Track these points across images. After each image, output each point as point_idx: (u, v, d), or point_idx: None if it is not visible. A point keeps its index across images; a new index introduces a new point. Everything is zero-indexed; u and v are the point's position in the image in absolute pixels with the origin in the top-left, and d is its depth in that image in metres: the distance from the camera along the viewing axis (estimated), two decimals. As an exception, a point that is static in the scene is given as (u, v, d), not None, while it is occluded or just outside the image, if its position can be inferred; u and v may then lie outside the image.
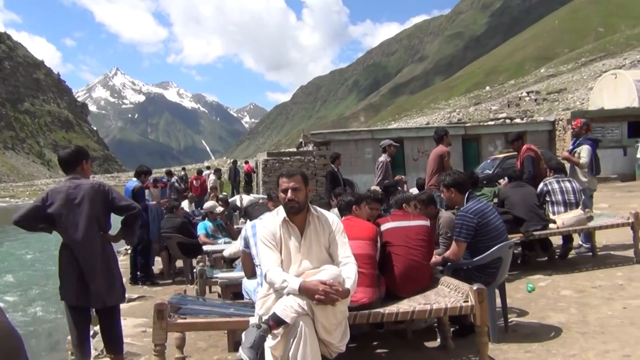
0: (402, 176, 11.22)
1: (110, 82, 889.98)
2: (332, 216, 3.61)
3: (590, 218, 7.23)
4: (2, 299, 11.25)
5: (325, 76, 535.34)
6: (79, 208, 3.88)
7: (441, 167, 7.89)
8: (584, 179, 7.94)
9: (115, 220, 4.09)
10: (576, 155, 8.01)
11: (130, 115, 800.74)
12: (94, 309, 4.17)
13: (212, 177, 17.95)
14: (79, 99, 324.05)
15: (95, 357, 5.06)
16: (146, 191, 8.99)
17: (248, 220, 4.89)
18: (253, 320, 3.34)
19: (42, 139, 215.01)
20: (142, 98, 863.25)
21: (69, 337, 7.13)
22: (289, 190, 3.39)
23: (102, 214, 3.99)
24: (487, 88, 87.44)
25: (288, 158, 20.07)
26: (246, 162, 25.70)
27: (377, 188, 8.33)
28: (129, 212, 4.06)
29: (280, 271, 3.26)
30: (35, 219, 3.94)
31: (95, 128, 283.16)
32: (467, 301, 3.67)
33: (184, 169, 26.64)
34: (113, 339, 4.07)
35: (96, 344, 5.78)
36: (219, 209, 8.82)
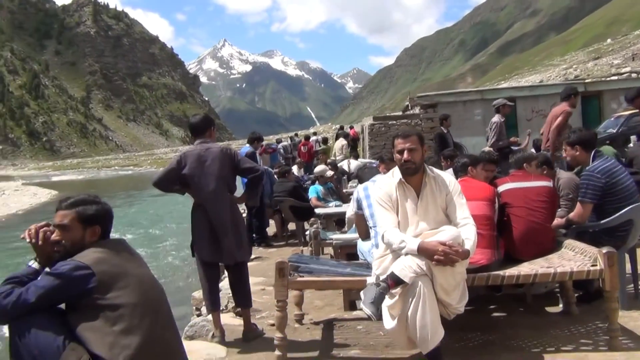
0: (518, 139, 10.72)
1: (218, 54, 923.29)
2: (448, 177, 3.54)
3: None
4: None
5: (430, 37, 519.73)
6: (210, 169, 4.18)
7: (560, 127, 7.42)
8: None
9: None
10: None
11: (238, 85, 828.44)
12: (223, 266, 4.46)
13: (343, 141, 18.08)
14: (190, 71, 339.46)
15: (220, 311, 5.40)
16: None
17: (358, 183, 4.91)
18: (370, 279, 3.38)
19: (159, 111, 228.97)
20: (248, 68, 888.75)
21: (194, 293, 7.68)
22: (405, 151, 3.35)
23: (230, 175, 4.27)
24: (609, 41, 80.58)
25: (394, 122, 19.83)
26: (351, 127, 25.72)
27: (490, 149, 8.03)
28: (253, 174, 4.30)
29: (397, 232, 3.27)
30: (172, 180, 4.29)
31: (206, 98, 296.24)
32: (595, 265, 3.47)
33: (296, 134, 27.22)
34: (242, 293, 4.33)
35: (221, 300, 6.16)
36: (330, 172, 8.95)
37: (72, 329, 2.27)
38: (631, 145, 7.66)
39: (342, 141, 17.89)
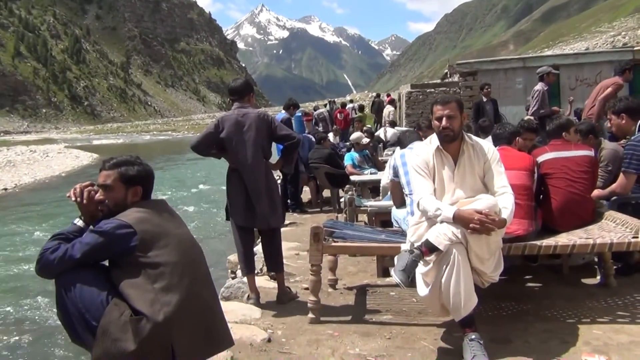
0: (560, 109, 10.43)
1: (256, 19, 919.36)
2: (487, 144, 3.48)
3: None
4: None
5: (472, 2, 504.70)
6: (247, 134, 4.20)
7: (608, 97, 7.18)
8: None
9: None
10: None
11: (275, 52, 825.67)
12: (257, 230, 4.52)
13: (391, 108, 17.97)
14: (228, 37, 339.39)
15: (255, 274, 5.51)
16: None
17: (399, 148, 4.88)
18: (405, 246, 3.38)
19: (197, 76, 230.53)
20: (285, 34, 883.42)
21: (230, 257, 7.83)
22: (444, 118, 3.30)
23: (266, 141, 4.29)
24: (661, 6, 76.88)
25: (432, 90, 19.52)
26: (387, 95, 25.41)
27: (531, 118, 7.84)
28: (289, 141, 4.31)
29: (433, 199, 3.24)
30: (209, 144, 4.32)
31: (243, 65, 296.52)
32: (637, 237, 3.39)
33: (333, 101, 27.08)
34: (275, 258, 4.39)
35: (256, 263, 6.28)
36: (365, 140, 8.91)
37: (115, 285, 2.35)
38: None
39: (389, 108, 17.73)
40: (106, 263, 2.48)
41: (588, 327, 3.39)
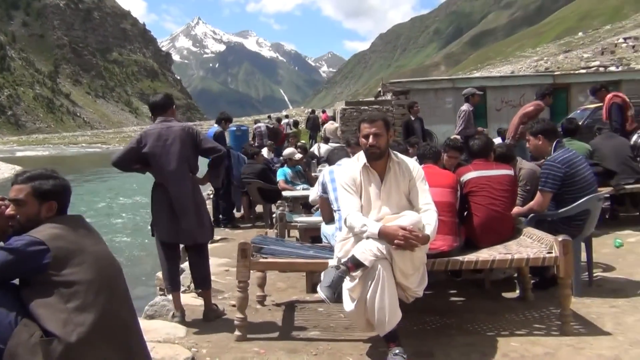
0: (485, 129, 10.87)
1: (192, 32, 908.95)
2: (412, 162, 3.57)
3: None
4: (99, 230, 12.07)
5: (406, 23, 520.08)
6: (171, 148, 4.10)
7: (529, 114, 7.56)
8: None
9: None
10: None
11: (211, 65, 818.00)
12: (183, 246, 4.42)
13: (336, 124, 17.90)
14: (163, 49, 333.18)
15: (182, 292, 5.37)
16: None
17: (327, 165, 4.93)
18: (332, 262, 3.41)
19: (129, 88, 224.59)
20: (222, 47, 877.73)
21: (158, 274, 7.60)
22: (371, 136, 3.36)
23: (192, 155, 4.20)
24: (580, 34, 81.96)
25: (366, 107, 19.86)
26: (323, 112, 25.69)
27: (458, 137, 8.12)
28: (215, 154, 4.24)
29: (360, 215, 3.29)
30: (132, 160, 4.19)
31: (178, 77, 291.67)
32: (551, 252, 3.56)
33: (269, 117, 27.00)
34: (202, 275, 4.30)
35: (183, 280, 6.13)
36: (298, 155, 8.94)
37: (26, 305, 2.23)
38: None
39: (334, 124, 17.80)
40: (16, 281, 2.35)
41: (506, 340, 3.51)
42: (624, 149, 6.59)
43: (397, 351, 3.11)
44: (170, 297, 4.26)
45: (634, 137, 7.00)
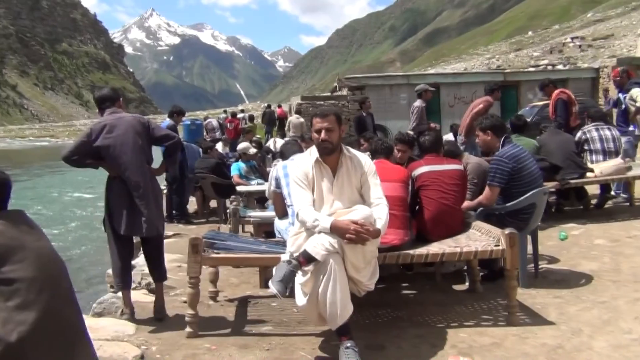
0: (437, 125, 11.05)
1: (145, 24, 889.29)
2: (364, 157, 3.59)
3: (629, 168, 7.04)
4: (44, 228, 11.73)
5: (362, 19, 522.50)
6: (125, 138, 3.99)
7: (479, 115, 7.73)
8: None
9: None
10: (627, 99, 7.80)
11: (165, 58, 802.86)
12: (138, 240, 4.33)
13: (301, 118, 17.72)
14: (115, 40, 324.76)
15: (132, 289, 5.27)
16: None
17: (280, 160, 4.91)
18: (284, 257, 3.40)
19: (80, 80, 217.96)
20: (177, 40, 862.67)
21: (109, 270, 7.43)
22: (323, 131, 3.37)
23: (146, 144, 4.12)
24: (530, 33, 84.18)
25: (322, 102, 19.86)
26: (279, 106, 25.59)
27: (412, 133, 8.23)
28: (169, 141, 4.18)
29: (312, 210, 3.29)
30: (84, 154, 4.03)
31: (131, 70, 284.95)
32: (498, 245, 3.66)
33: (225, 111, 26.71)
34: (160, 267, 4.23)
35: (133, 276, 6.01)
36: (253, 150, 8.88)
37: (-37, 304, 2.14)
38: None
39: (300, 118, 17.63)
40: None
41: (455, 331, 3.59)
42: (569, 144, 6.82)
43: (348, 344, 3.14)
44: (119, 293, 4.17)
45: (578, 134, 7.24)
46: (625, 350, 3.18)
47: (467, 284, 4.60)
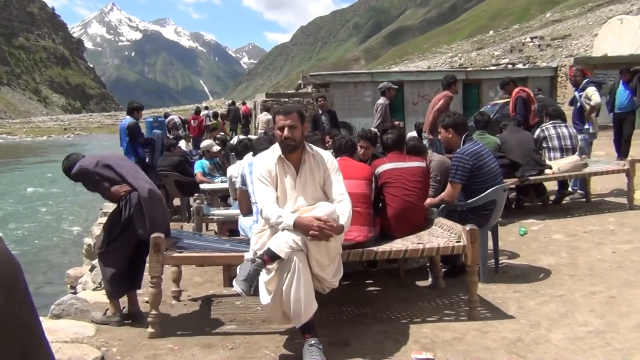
0: (400, 123, 11.16)
1: (106, 18, 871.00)
2: (327, 154, 3.60)
3: (585, 164, 7.25)
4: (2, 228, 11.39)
5: (326, 16, 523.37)
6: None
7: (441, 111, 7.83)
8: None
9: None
10: (583, 98, 8.03)
11: (127, 53, 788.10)
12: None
13: (268, 115, 17.53)
14: (74, 35, 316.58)
15: (92, 289, 5.18)
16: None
17: (248, 156, 4.86)
18: (248, 255, 3.38)
19: (37, 75, 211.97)
20: (138, 35, 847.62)
21: (69, 271, 7.28)
22: (286, 128, 3.36)
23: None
24: (491, 32, 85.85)
25: (287, 99, 19.86)
26: (243, 104, 25.41)
27: (375, 130, 8.28)
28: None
29: (275, 207, 3.28)
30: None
31: (91, 65, 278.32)
32: (460, 241, 3.72)
33: (198, 107, 26.34)
34: (142, 272, 4.13)
35: (94, 276, 5.90)
36: (216, 147, 8.80)
37: None
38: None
39: (266, 115, 17.47)
40: None
41: (418, 327, 3.63)
42: (528, 142, 6.98)
43: (312, 342, 3.14)
44: (79, 295, 4.10)
45: (537, 132, 7.41)
46: (581, 342, 3.27)
47: (430, 280, 4.66)
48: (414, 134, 10.99)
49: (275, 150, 3.48)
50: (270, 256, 3.11)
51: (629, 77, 9.02)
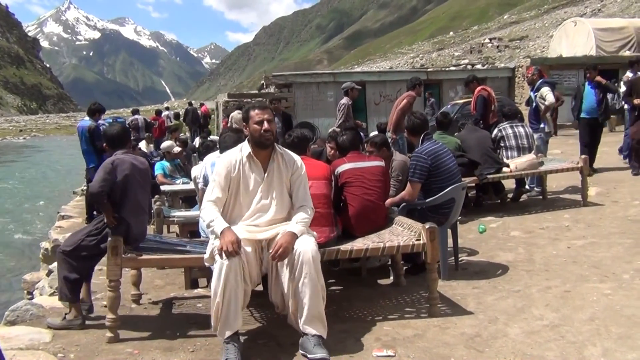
0: (363, 123, 11.23)
1: (62, 17, 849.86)
2: (297, 158, 3.58)
3: (542, 163, 7.43)
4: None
5: (289, 17, 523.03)
6: None
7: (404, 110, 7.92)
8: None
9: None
10: (537, 98, 8.23)
11: (85, 53, 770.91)
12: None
13: (238, 114, 17.31)
14: (29, 34, 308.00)
15: (49, 294, 5.06)
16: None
17: (214, 155, 4.81)
18: (205, 256, 3.35)
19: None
20: (97, 35, 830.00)
21: (26, 276, 7.08)
22: (265, 122, 3.36)
23: None
24: (451, 33, 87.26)
25: (249, 100, 19.75)
26: (201, 105, 25.08)
27: (336, 129, 8.31)
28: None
29: (213, 209, 3.31)
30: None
31: (47, 65, 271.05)
32: (420, 239, 3.76)
33: (167, 108, 25.92)
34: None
35: (51, 281, 5.76)
36: (177, 149, 8.70)
37: None
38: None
39: (239, 113, 17.24)
40: None
41: (380, 325, 3.67)
42: (485, 141, 7.12)
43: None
44: (34, 300, 4.01)
45: (495, 131, 7.57)
46: (537, 335, 3.35)
47: (391, 278, 4.71)
48: (376, 133, 11.08)
49: (244, 148, 3.46)
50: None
51: (595, 75, 8.69)
